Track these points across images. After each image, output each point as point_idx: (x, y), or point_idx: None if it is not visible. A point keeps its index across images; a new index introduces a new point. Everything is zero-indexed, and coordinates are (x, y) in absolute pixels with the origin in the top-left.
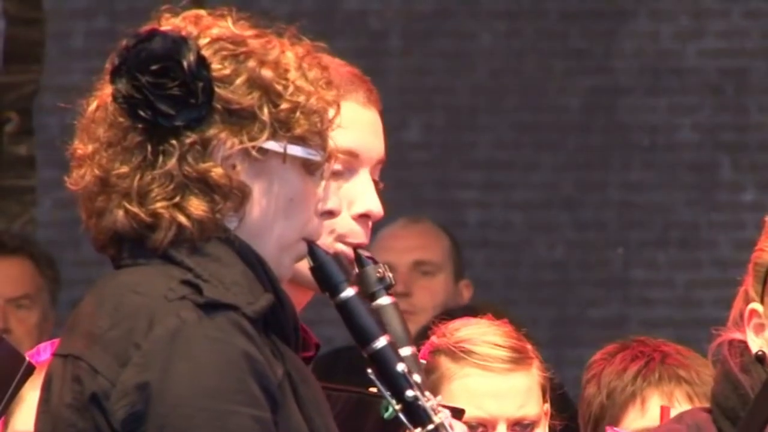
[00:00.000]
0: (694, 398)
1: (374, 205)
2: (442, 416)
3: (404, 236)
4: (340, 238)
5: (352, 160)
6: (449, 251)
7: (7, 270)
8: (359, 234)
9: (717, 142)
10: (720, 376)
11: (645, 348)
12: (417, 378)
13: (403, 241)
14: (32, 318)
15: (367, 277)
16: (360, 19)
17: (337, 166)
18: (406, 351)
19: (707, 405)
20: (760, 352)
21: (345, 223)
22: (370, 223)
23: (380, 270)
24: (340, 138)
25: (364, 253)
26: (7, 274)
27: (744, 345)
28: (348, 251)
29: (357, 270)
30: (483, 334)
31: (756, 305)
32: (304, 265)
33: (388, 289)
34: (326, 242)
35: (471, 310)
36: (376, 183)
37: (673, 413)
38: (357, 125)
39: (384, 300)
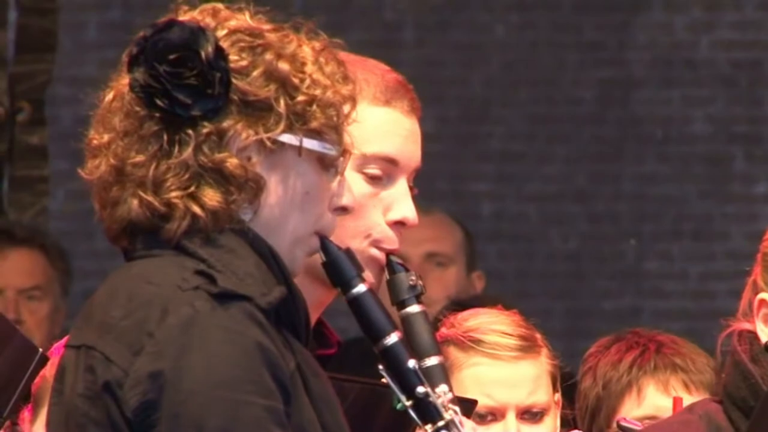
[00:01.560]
0: (690, 386)
1: (410, 213)
2: (453, 413)
3: (416, 228)
4: (375, 243)
5: (391, 167)
6: (462, 243)
7: (18, 261)
8: (393, 240)
9: (730, 134)
10: (730, 367)
11: (640, 338)
12: (444, 388)
13: (416, 233)
14: (43, 309)
15: (399, 284)
16: (374, 11)
17: (377, 172)
18: (433, 360)
19: (705, 394)
20: None
21: (381, 229)
22: (402, 231)
23: (412, 278)
24: (382, 145)
25: (397, 260)
26: (18, 265)
27: (753, 335)
28: (381, 257)
29: (388, 276)
30: (491, 323)
31: (765, 295)
32: None
33: (418, 297)
34: (361, 246)
35: (478, 300)
36: (411, 189)
37: (670, 402)
38: (399, 133)
39: (413, 308)
